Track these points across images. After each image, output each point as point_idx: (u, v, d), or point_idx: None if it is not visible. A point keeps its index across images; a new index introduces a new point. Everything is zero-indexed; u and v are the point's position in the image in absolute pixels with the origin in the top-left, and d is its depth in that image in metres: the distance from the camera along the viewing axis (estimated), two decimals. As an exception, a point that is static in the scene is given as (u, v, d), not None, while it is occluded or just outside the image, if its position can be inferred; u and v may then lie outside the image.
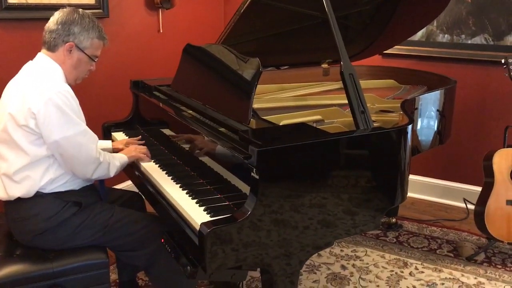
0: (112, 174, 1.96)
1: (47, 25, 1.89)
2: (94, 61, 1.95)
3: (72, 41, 1.86)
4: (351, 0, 2.58)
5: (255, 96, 1.89)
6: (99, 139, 2.44)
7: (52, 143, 1.78)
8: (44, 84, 1.79)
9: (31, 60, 1.92)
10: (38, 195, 1.83)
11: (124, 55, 3.36)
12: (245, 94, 1.89)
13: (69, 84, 1.92)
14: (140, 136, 2.40)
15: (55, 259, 1.84)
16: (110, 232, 1.93)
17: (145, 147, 2.20)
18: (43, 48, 1.90)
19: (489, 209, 2.70)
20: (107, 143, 2.31)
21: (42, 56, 1.89)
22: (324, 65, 2.84)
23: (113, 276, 2.46)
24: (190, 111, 2.16)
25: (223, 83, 2.08)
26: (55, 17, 1.87)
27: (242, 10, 2.31)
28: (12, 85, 1.88)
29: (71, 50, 1.87)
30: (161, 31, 3.60)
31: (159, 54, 3.61)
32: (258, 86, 1.89)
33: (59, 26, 1.85)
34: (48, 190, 1.84)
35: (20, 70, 1.91)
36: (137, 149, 2.16)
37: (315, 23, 2.52)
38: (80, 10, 1.90)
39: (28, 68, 1.89)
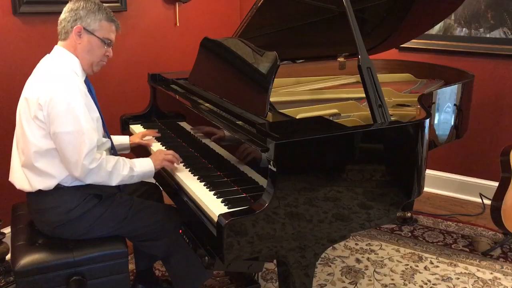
0: (114, 183, 1.88)
1: (59, 18, 1.93)
2: (106, 43, 1.93)
3: (79, 25, 1.88)
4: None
5: (271, 89, 1.90)
6: (117, 133, 2.48)
7: (52, 135, 1.80)
8: (55, 77, 1.82)
9: (49, 53, 1.96)
10: (59, 188, 1.87)
11: (142, 49, 3.39)
12: (262, 87, 1.90)
13: (87, 73, 1.96)
14: (156, 130, 2.42)
15: (76, 249, 1.88)
16: (129, 224, 1.97)
17: (171, 152, 2.06)
18: (58, 40, 1.95)
19: (506, 205, 2.69)
20: (124, 139, 2.32)
21: (57, 48, 1.93)
22: (340, 59, 2.84)
23: (130, 266, 2.50)
24: (207, 104, 2.18)
25: (241, 77, 2.09)
26: (64, 8, 1.93)
27: (259, 4, 2.32)
28: (30, 78, 1.91)
29: (80, 34, 1.88)
30: (178, 24, 3.62)
31: (176, 48, 3.63)
32: (274, 79, 1.89)
33: (67, 14, 1.90)
34: (69, 184, 1.87)
35: (38, 63, 1.94)
36: (161, 154, 2.02)
37: (331, 17, 2.51)
38: None
39: (45, 61, 1.93)
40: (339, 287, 2.51)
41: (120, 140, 2.30)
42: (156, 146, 2.31)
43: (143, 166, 1.96)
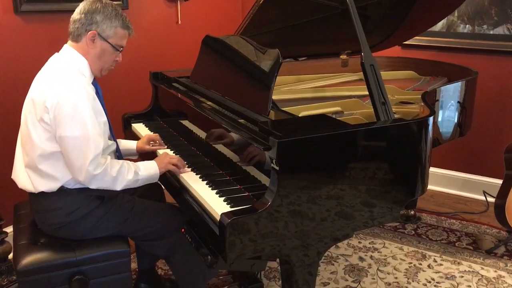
0: (119, 188, 1.85)
1: (72, 16, 1.89)
2: (119, 50, 1.91)
3: (94, 30, 1.84)
4: (371, -10, 2.55)
5: (274, 87, 1.89)
6: (119, 131, 2.47)
7: (58, 139, 1.78)
8: (64, 78, 1.79)
9: (55, 51, 1.93)
10: (62, 190, 1.85)
11: (143, 47, 3.38)
12: (264, 85, 1.89)
13: (95, 76, 1.94)
14: (160, 138, 2.32)
15: (78, 248, 1.87)
16: (130, 224, 1.96)
17: (176, 157, 2.03)
18: (68, 39, 1.91)
19: (510, 202, 2.67)
20: (131, 144, 2.27)
21: (67, 48, 1.89)
22: (343, 56, 2.82)
23: (133, 265, 2.50)
24: (210, 103, 2.17)
25: (243, 75, 2.08)
26: (79, 8, 1.87)
27: (261, 1, 2.31)
28: (37, 77, 1.89)
29: (94, 39, 1.85)
30: (180, 22, 3.61)
31: (177, 46, 3.62)
32: (276, 77, 1.88)
33: (82, 16, 1.84)
34: (72, 186, 1.86)
35: (46, 62, 1.91)
36: (167, 157, 1.99)
37: (334, 14, 2.50)
38: (104, 0, 1.89)
39: (53, 60, 1.90)
40: (342, 285, 2.50)
41: (128, 145, 2.26)
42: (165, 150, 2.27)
43: (148, 170, 1.93)
